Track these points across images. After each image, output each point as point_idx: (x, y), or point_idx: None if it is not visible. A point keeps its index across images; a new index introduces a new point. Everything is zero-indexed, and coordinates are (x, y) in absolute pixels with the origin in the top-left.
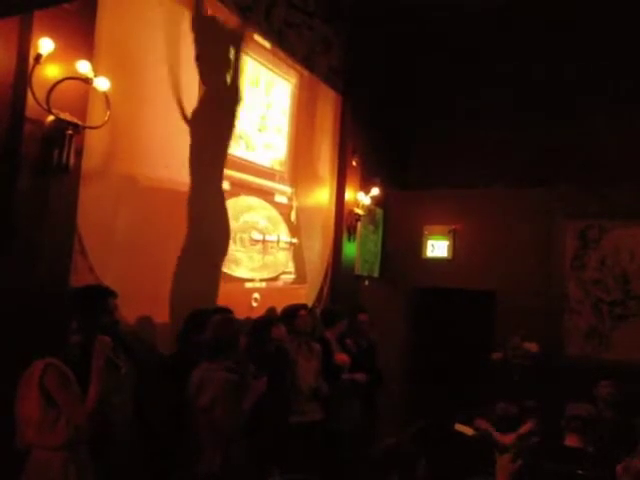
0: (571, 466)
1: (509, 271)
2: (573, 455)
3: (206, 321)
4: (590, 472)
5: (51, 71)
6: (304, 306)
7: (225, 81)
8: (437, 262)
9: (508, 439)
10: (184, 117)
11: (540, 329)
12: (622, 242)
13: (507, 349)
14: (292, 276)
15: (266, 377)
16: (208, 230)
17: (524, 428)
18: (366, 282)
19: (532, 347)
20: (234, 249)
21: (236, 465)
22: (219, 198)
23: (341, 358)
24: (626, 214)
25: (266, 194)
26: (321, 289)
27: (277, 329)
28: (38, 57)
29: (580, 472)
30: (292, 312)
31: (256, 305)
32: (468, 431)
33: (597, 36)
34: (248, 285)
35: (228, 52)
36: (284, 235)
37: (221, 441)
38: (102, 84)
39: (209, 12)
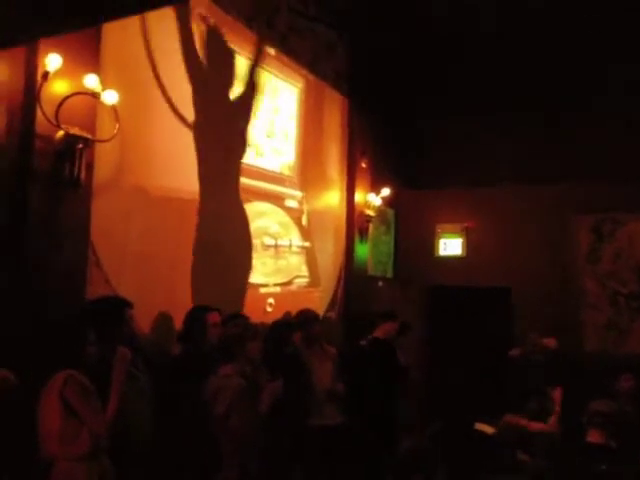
0: (594, 462)
1: (524, 267)
2: (596, 451)
3: (205, 317)
4: (614, 468)
5: (59, 87)
6: (317, 315)
7: (234, 90)
8: (451, 260)
9: (547, 425)
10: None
11: (558, 324)
12: (636, 234)
13: (525, 345)
14: (306, 279)
15: (282, 379)
16: (222, 238)
17: (557, 400)
18: (380, 283)
19: (550, 343)
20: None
21: (255, 475)
22: (235, 205)
23: None
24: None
25: (277, 199)
26: (335, 292)
27: (297, 334)
28: (46, 74)
29: (604, 468)
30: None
31: (271, 310)
32: (488, 430)
33: (606, 31)
34: (262, 290)
35: (236, 62)
36: (296, 239)
37: (239, 449)
38: (110, 97)
39: (213, 22)
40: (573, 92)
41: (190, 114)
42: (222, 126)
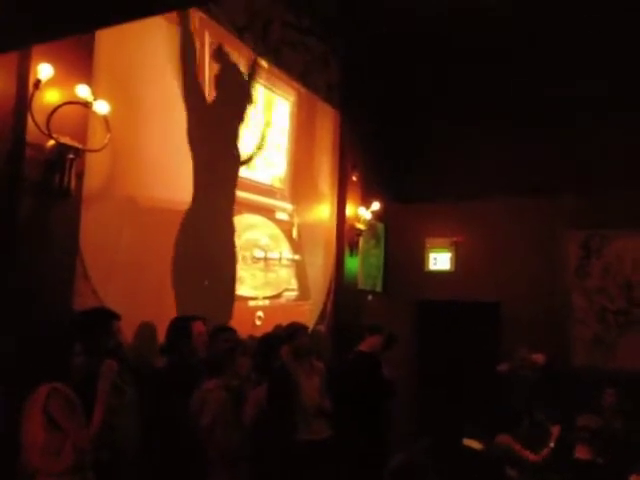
0: (582, 479)
1: (513, 282)
2: (584, 468)
3: (190, 327)
4: None
5: (51, 96)
6: (306, 328)
7: (227, 101)
8: (440, 275)
9: (537, 456)
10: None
11: (546, 339)
12: (625, 250)
13: (514, 360)
14: (295, 293)
15: (266, 385)
16: (211, 249)
17: (554, 435)
18: (370, 297)
19: (538, 358)
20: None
21: None
22: (224, 217)
23: None
24: (627, 222)
25: (267, 211)
26: (325, 305)
27: (285, 348)
28: (37, 83)
29: None
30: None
31: (260, 323)
32: (477, 445)
33: (596, 48)
34: (251, 303)
35: (229, 74)
36: (286, 252)
37: (226, 461)
38: (101, 107)
39: (206, 34)
40: (570, 104)
41: (182, 123)
42: (215, 137)
